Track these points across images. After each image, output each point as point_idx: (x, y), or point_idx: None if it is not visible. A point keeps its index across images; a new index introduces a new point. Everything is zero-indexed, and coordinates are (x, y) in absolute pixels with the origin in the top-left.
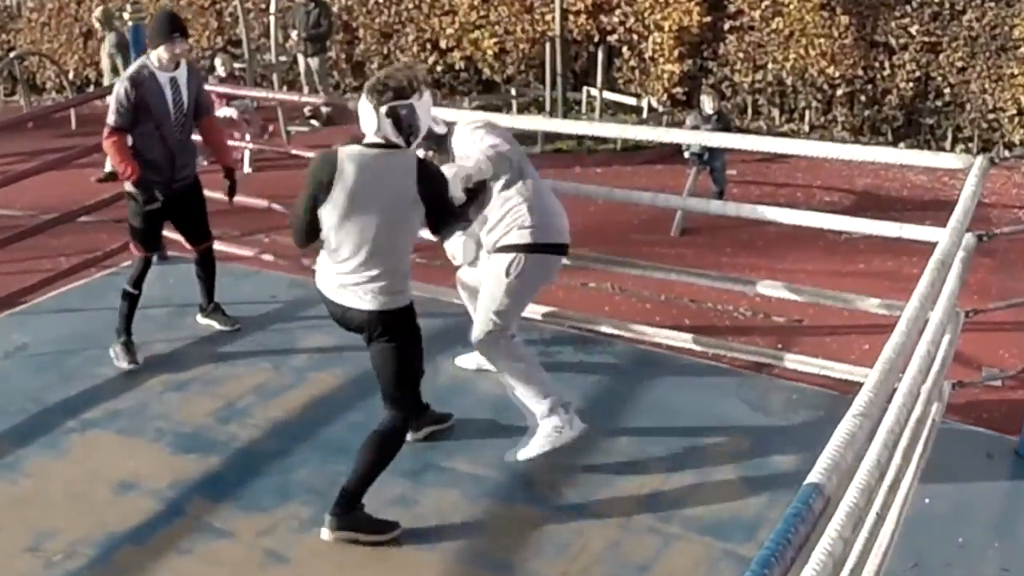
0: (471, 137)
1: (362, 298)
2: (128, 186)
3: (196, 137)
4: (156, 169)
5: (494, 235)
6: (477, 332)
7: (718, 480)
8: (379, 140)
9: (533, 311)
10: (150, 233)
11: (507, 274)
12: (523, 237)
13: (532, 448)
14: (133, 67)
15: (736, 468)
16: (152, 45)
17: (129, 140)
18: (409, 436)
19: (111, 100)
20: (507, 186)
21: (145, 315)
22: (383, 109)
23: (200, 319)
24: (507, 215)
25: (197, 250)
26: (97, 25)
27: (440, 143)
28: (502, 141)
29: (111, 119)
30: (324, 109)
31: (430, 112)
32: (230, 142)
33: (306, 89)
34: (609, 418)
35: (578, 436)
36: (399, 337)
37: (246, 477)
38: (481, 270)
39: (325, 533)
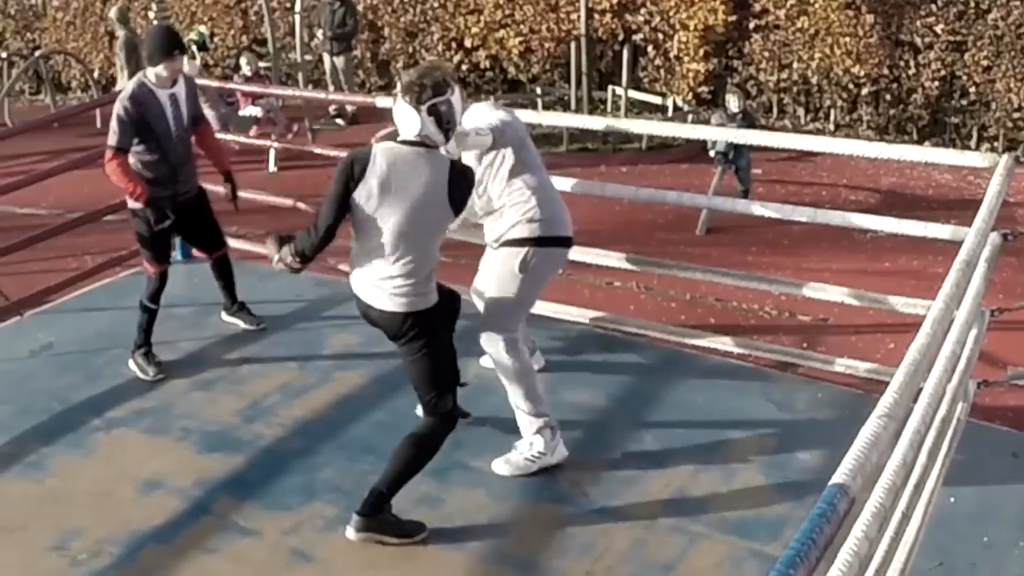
0: (483, 114)
1: (380, 297)
2: (132, 203)
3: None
4: (161, 186)
5: (500, 226)
6: (486, 327)
7: (743, 479)
8: (416, 139)
9: (557, 310)
10: (161, 248)
11: (520, 269)
12: (533, 230)
13: (511, 468)
14: (131, 85)
15: (761, 467)
16: (151, 63)
17: (132, 159)
18: (421, 411)
19: (111, 121)
20: (513, 175)
21: (170, 314)
22: (424, 107)
23: (225, 317)
24: (513, 206)
25: (212, 258)
26: (113, 24)
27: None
28: (509, 117)
29: (112, 140)
30: (349, 108)
31: (461, 106)
32: (256, 141)
33: (331, 88)
34: (634, 417)
35: (556, 464)
36: (421, 340)
37: (271, 476)
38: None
39: (350, 532)
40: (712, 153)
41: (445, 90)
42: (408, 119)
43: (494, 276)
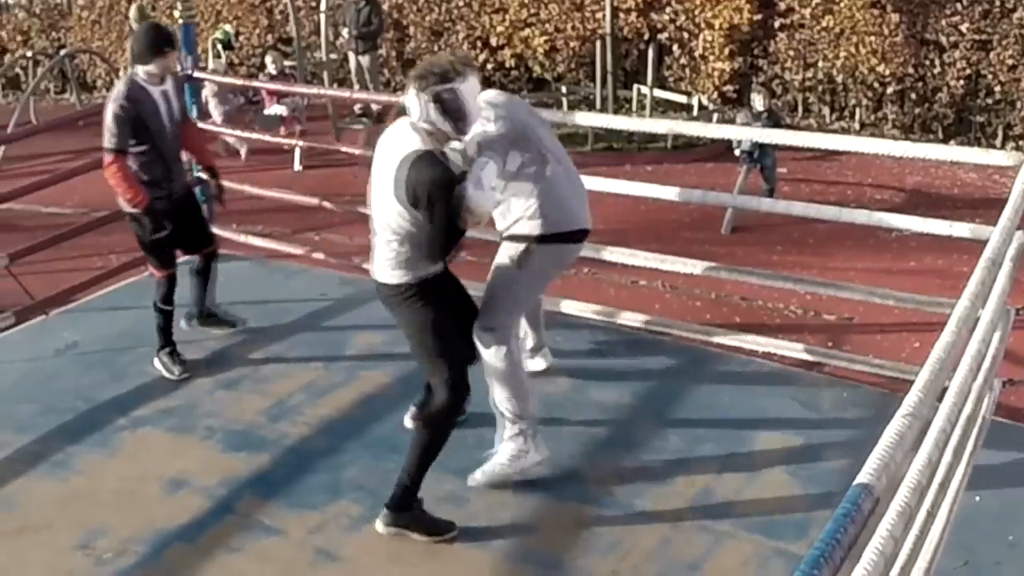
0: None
1: (376, 269)
2: (125, 206)
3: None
4: (157, 187)
5: (507, 219)
6: (482, 321)
7: (768, 478)
8: (425, 126)
9: (583, 309)
10: (165, 252)
11: (518, 265)
12: (534, 228)
13: (492, 470)
14: (123, 84)
15: (786, 466)
16: (142, 61)
17: (130, 162)
18: (409, 424)
19: (106, 123)
20: (523, 167)
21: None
22: (425, 95)
23: (196, 326)
24: (518, 200)
25: (203, 254)
26: (132, 23)
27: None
28: (501, 128)
29: (111, 143)
30: (375, 107)
31: (477, 96)
32: (282, 140)
33: (357, 87)
34: (659, 416)
35: (540, 462)
36: (410, 311)
37: (296, 475)
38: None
39: (379, 525)
40: (737, 152)
41: (452, 78)
42: (413, 107)
43: (493, 268)
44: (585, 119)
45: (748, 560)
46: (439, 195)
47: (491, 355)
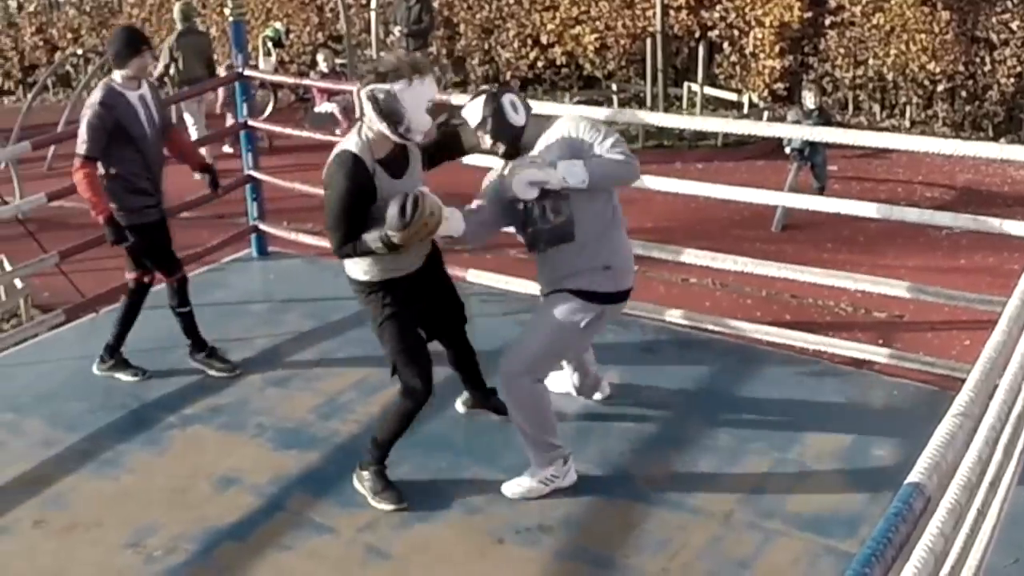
0: (586, 133)
1: None
2: (127, 218)
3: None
4: (147, 195)
5: (561, 268)
6: (517, 365)
7: (819, 476)
8: (366, 125)
9: (633, 307)
10: (166, 256)
11: (585, 325)
12: (614, 282)
13: (521, 489)
14: (100, 90)
15: (837, 464)
16: (119, 64)
17: (113, 170)
18: (461, 409)
19: (81, 128)
20: (603, 210)
21: (246, 310)
22: (364, 92)
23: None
24: (597, 245)
25: (172, 281)
26: (177, 24)
27: (511, 137)
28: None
29: (83, 148)
30: None
31: (422, 103)
32: (333, 138)
33: None
34: (710, 413)
35: (568, 487)
36: (368, 310)
37: (347, 473)
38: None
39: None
40: (788, 150)
41: (393, 79)
42: (361, 102)
43: (556, 320)
44: (636, 117)
45: (799, 558)
46: (330, 196)
47: (520, 404)
